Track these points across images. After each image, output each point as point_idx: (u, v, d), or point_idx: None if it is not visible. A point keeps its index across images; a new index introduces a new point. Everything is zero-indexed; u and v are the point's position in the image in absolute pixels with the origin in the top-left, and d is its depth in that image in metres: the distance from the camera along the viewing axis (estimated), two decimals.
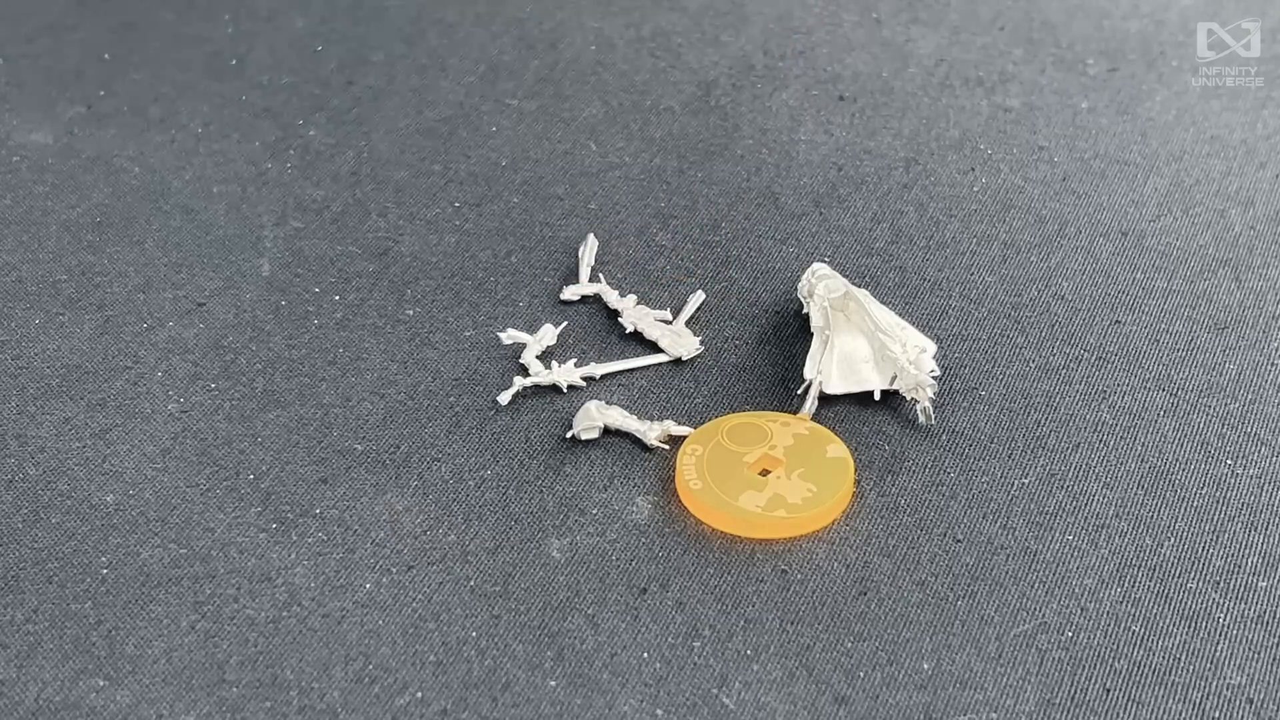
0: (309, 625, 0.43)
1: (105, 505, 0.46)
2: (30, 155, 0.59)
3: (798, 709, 0.41)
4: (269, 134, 0.60)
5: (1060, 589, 0.44)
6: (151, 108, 0.62)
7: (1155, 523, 0.46)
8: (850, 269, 0.54)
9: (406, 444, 0.48)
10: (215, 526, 0.46)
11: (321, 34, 0.65)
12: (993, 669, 0.42)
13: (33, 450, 0.48)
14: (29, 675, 0.42)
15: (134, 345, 0.51)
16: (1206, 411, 0.50)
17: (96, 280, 0.54)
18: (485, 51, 0.64)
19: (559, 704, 0.41)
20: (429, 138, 0.60)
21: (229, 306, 0.53)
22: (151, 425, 0.49)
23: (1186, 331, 0.53)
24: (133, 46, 0.64)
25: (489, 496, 0.47)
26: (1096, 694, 0.42)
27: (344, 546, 0.45)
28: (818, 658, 0.43)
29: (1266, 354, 0.52)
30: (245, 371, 0.51)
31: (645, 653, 0.43)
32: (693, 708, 0.41)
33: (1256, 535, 0.46)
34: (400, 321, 0.53)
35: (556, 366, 0.50)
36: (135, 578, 0.44)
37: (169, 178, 0.58)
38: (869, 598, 0.44)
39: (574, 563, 0.45)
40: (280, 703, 0.41)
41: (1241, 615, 0.44)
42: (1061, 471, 0.48)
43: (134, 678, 0.42)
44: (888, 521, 0.46)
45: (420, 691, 0.42)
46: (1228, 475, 0.48)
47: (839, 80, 0.63)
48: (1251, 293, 0.54)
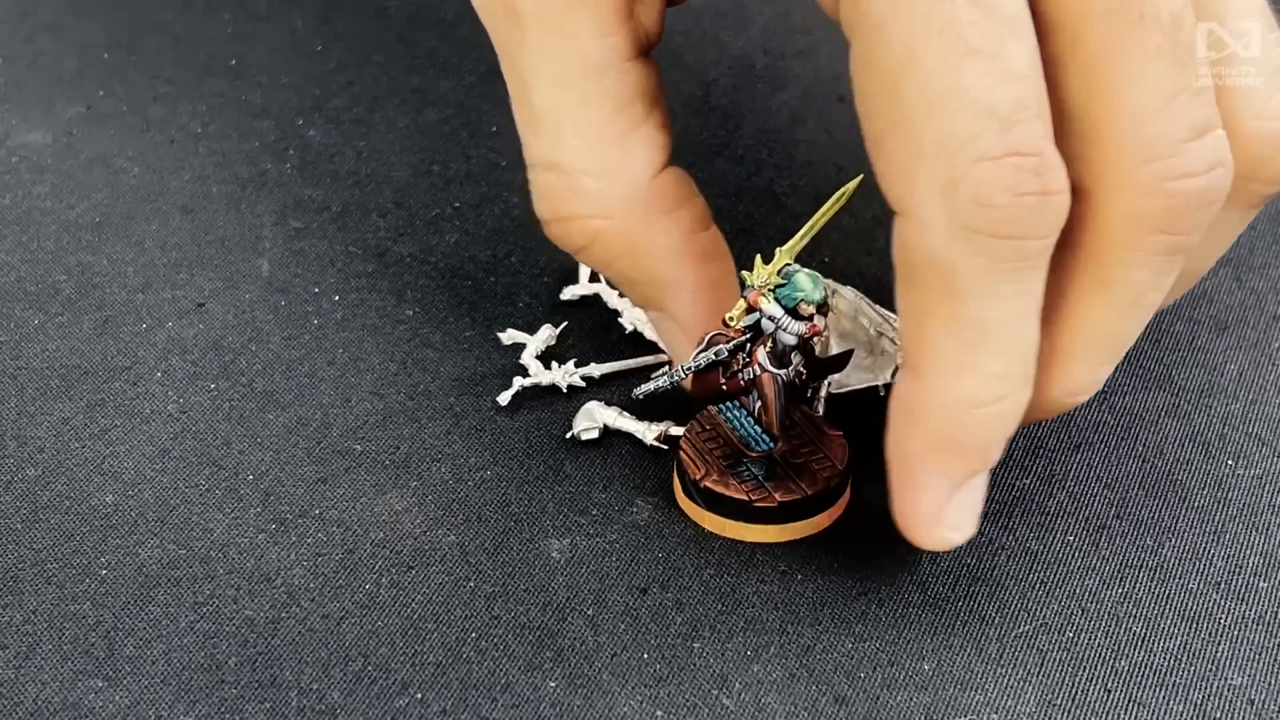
0: (308, 626, 0.43)
1: (104, 506, 0.46)
2: (29, 155, 0.59)
3: (798, 709, 0.41)
4: (269, 134, 0.60)
5: (1061, 589, 0.44)
6: (151, 108, 0.61)
7: (1156, 523, 0.46)
8: (850, 269, 0.54)
9: (406, 444, 0.48)
10: (214, 527, 0.46)
11: (321, 34, 0.65)
12: (993, 669, 0.42)
13: (31, 451, 0.48)
14: (28, 676, 0.42)
15: (133, 345, 0.51)
16: (1207, 412, 0.50)
17: (96, 280, 0.54)
18: (485, 51, 0.64)
19: (559, 704, 0.41)
20: (429, 138, 0.60)
21: (228, 307, 0.53)
22: (151, 426, 0.49)
23: (1187, 331, 0.53)
24: (132, 46, 0.64)
25: (489, 496, 0.47)
26: (1097, 694, 0.42)
27: (343, 547, 0.45)
28: (818, 658, 0.43)
29: (1267, 354, 0.52)
30: (245, 372, 0.51)
31: (645, 653, 0.43)
32: (693, 708, 0.41)
33: (1257, 536, 0.46)
34: (400, 321, 0.53)
35: (556, 367, 0.50)
36: (134, 578, 0.44)
37: (168, 178, 0.58)
38: (869, 598, 0.44)
39: (574, 563, 0.45)
40: (280, 703, 0.41)
41: (1242, 616, 0.44)
42: (1062, 472, 0.48)
43: (133, 678, 0.42)
44: (888, 521, 0.46)
45: (420, 692, 0.42)
46: (1228, 475, 0.48)
47: (839, 80, 0.63)
48: (1252, 293, 0.54)
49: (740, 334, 0.45)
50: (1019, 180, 0.38)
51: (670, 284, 0.46)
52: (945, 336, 0.40)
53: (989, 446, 0.41)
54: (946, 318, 0.39)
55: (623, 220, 0.45)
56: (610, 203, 0.45)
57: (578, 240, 0.45)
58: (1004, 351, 0.40)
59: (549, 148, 0.45)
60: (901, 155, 0.39)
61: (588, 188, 0.44)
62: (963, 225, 0.38)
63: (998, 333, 0.40)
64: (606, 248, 0.45)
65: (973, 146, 0.37)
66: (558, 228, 0.46)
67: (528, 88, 0.45)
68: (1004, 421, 0.41)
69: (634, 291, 0.47)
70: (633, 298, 0.48)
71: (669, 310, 0.47)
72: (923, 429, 0.41)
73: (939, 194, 0.38)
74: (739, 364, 0.45)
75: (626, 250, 0.45)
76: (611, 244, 0.45)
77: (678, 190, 0.46)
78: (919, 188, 0.38)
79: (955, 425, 0.41)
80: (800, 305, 0.43)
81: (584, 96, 0.44)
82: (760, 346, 0.44)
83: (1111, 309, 0.41)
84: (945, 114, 0.38)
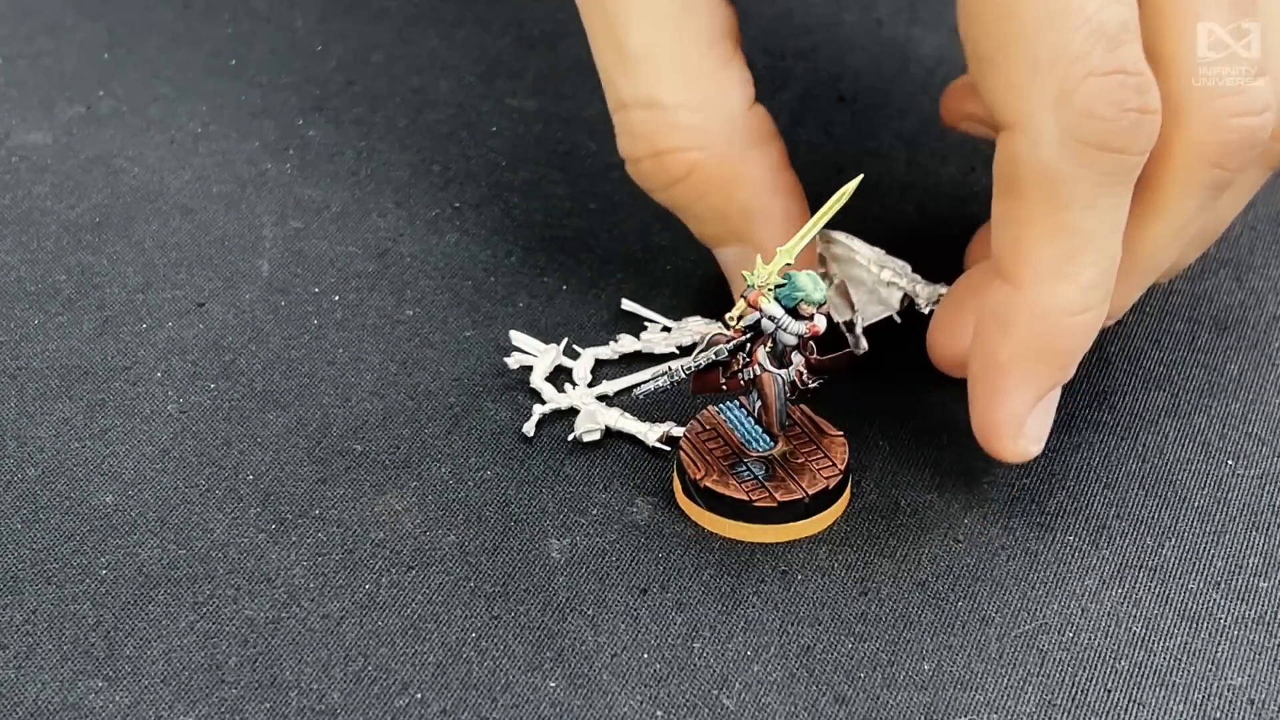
0: (308, 626, 0.43)
1: (104, 506, 0.46)
2: (29, 155, 0.59)
3: (798, 709, 0.41)
4: (269, 134, 0.60)
5: (1061, 589, 0.44)
6: (150, 108, 0.61)
7: (1156, 523, 0.46)
8: None
9: (406, 444, 0.48)
10: (214, 527, 0.46)
11: (321, 34, 0.65)
12: (993, 669, 0.42)
13: (31, 451, 0.48)
14: (28, 676, 0.42)
15: (133, 346, 0.51)
16: (1207, 412, 0.50)
17: (96, 280, 0.54)
18: (485, 51, 0.64)
19: (559, 705, 0.41)
20: (429, 138, 0.60)
21: (228, 307, 0.53)
22: (150, 426, 0.49)
23: (1187, 331, 0.53)
24: (132, 46, 0.64)
25: (489, 496, 0.47)
26: (1097, 695, 0.42)
27: (343, 547, 0.45)
28: (818, 658, 0.43)
29: (1267, 354, 0.52)
30: (244, 372, 0.51)
31: (645, 653, 0.43)
32: (693, 708, 0.41)
33: (1258, 535, 0.46)
34: (400, 321, 0.53)
35: (571, 389, 0.50)
36: (134, 578, 0.44)
37: (168, 178, 0.58)
38: (869, 598, 0.44)
39: (574, 563, 0.45)
40: (280, 703, 0.41)
41: (1243, 616, 0.44)
42: (1062, 472, 0.48)
43: (133, 678, 0.42)
44: (888, 521, 0.46)
45: (420, 692, 0.42)
46: (1229, 475, 0.48)
47: (839, 80, 0.63)
48: (1252, 293, 0.54)
49: (740, 334, 0.45)
50: (1124, 96, 0.41)
51: (760, 216, 0.48)
52: (1047, 245, 0.43)
53: (1074, 355, 0.44)
54: (1050, 227, 0.42)
55: (721, 151, 0.47)
56: (709, 134, 0.47)
57: (675, 173, 0.47)
58: (1097, 261, 0.43)
59: (646, 85, 0.47)
60: (1015, 70, 0.42)
61: (686, 121, 0.47)
62: (1073, 136, 0.41)
63: (1095, 243, 0.43)
64: (703, 178, 0.47)
65: (1084, 62, 0.41)
66: (652, 163, 0.47)
67: (620, 29, 0.46)
68: (1089, 331, 0.44)
69: (721, 226, 0.49)
70: (713, 233, 0.49)
71: (756, 241, 0.48)
72: (1017, 336, 0.44)
73: (1051, 106, 0.41)
74: (739, 364, 0.45)
75: (722, 181, 0.47)
76: (709, 175, 0.47)
77: (766, 125, 0.49)
78: (1032, 100, 0.41)
79: (1050, 332, 0.43)
80: (801, 305, 0.44)
81: (679, 34, 0.46)
82: (760, 346, 0.44)
83: (1160, 237, 0.45)
84: (1059, 31, 0.41)
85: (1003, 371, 0.44)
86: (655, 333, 0.52)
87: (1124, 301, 0.47)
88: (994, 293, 0.44)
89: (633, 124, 0.47)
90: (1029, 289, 0.43)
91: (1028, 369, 0.44)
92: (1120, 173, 0.42)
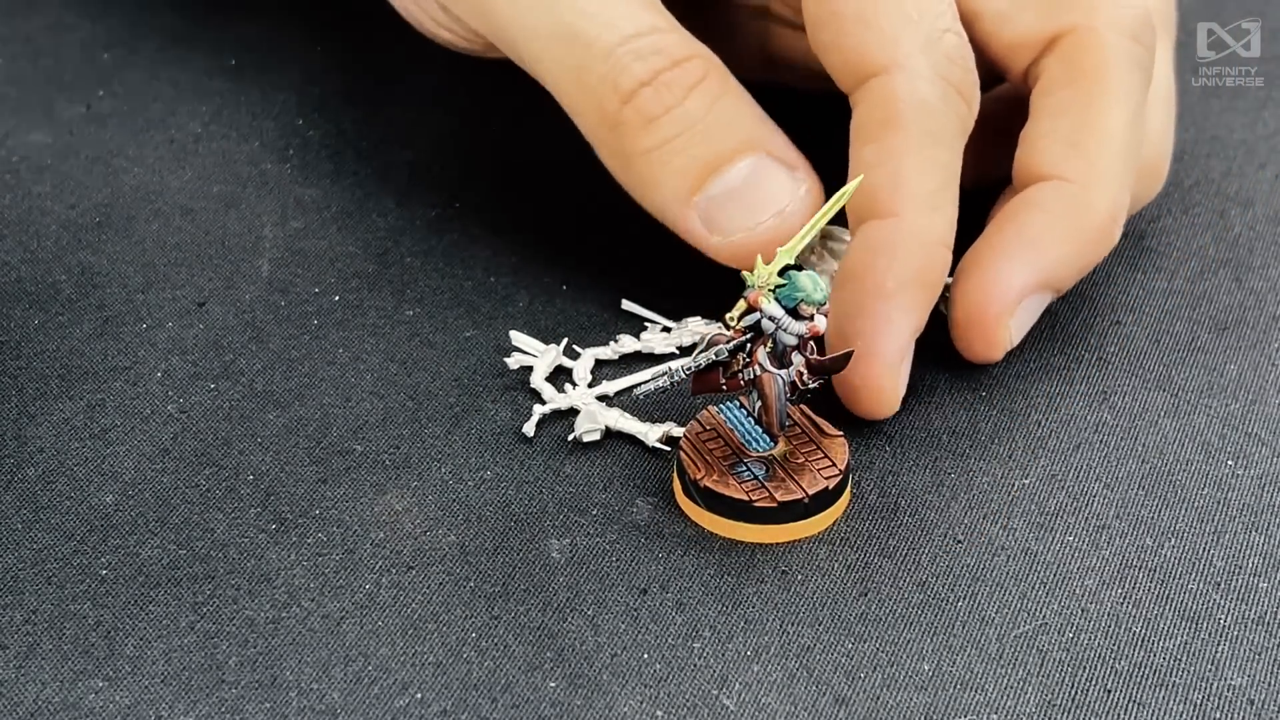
0: (309, 626, 0.43)
1: (104, 506, 0.46)
2: (29, 155, 0.59)
3: (798, 710, 0.41)
4: (269, 134, 0.60)
5: (1061, 590, 0.44)
6: (150, 108, 0.61)
7: (1156, 523, 0.46)
8: None
9: (406, 444, 0.48)
10: (214, 527, 0.46)
11: (321, 34, 0.65)
12: (993, 670, 0.42)
13: (31, 451, 0.48)
14: (28, 676, 0.42)
15: (133, 346, 0.51)
16: (1207, 412, 0.50)
17: (96, 280, 0.54)
18: None
19: (559, 705, 0.41)
20: (429, 138, 0.60)
21: (228, 307, 0.53)
22: (151, 426, 0.49)
23: (1187, 331, 0.53)
24: (132, 46, 0.64)
25: (489, 496, 0.47)
26: (1097, 695, 0.42)
27: (344, 547, 0.45)
28: (818, 659, 0.43)
29: (1267, 354, 0.52)
30: (244, 372, 0.51)
31: (645, 653, 0.43)
32: (693, 708, 0.41)
33: (1258, 536, 0.46)
34: (400, 321, 0.53)
35: (571, 389, 0.50)
36: (134, 578, 0.44)
37: (168, 178, 0.58)
38: (869, 598, 0.44)
39: (574, 563, 0.45)
40: (280, 703, 0.41)
41: (1243, 616, 0.44)
42: (1062, 472, 0.48)
43: (133, 678, 0.42)
44: (888, 522, 0.46)
45: (420, 692, 0.42)
46: (1229, 476, 0.48)
47: None
48: (1251, 293, 0.54)
49: (740, 334, 0.45)
50: (967, 53, 0.49)
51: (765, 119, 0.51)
52: (925, 177, 0.47)
53: (940, 289, 0.48)
54: (926, 160, 0.47)
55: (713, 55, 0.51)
56: (697, 44, 0.50)
57: (691, 78, 0.49)
58: (954, 200, 0.48)
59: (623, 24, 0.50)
60: (889, 20, 0.48)
61: (678, 35, 0.50)
62: (940, 75, 0.47)
63: (955, 182, 0.48)
64: (716, 81, 0.50)
65: (941, 19, 0.48)
66: (673, 72, 0.49)
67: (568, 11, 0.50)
68: (947, 268, 0.48)
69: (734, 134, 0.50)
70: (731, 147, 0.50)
71: (775, 147, 0.50)
72: (905, 262, 0.46)
73: (922, 49, 0.47)
74: (739, 364, 0.45)
75: (728, 80, 0.50)
76: (719, 73, 0.50)
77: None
78: (907, 43, 0.48)
79: (929, 260, 0.47)
80: (800, 305, 0.43)
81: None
82: (760, 346, 0.44)
83: (1121, 117, 0.50)
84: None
85: (890, 299, 0.46)
86: (655, 333, 0.52)
87: (1124, 198, 0.50)
88: (870, 229, 0.47)
89: (639, 50, 0.49)
90: (912, 218, 0.47)
91: (911, 297, 0.47)
92: (967, 119, 0.48)
